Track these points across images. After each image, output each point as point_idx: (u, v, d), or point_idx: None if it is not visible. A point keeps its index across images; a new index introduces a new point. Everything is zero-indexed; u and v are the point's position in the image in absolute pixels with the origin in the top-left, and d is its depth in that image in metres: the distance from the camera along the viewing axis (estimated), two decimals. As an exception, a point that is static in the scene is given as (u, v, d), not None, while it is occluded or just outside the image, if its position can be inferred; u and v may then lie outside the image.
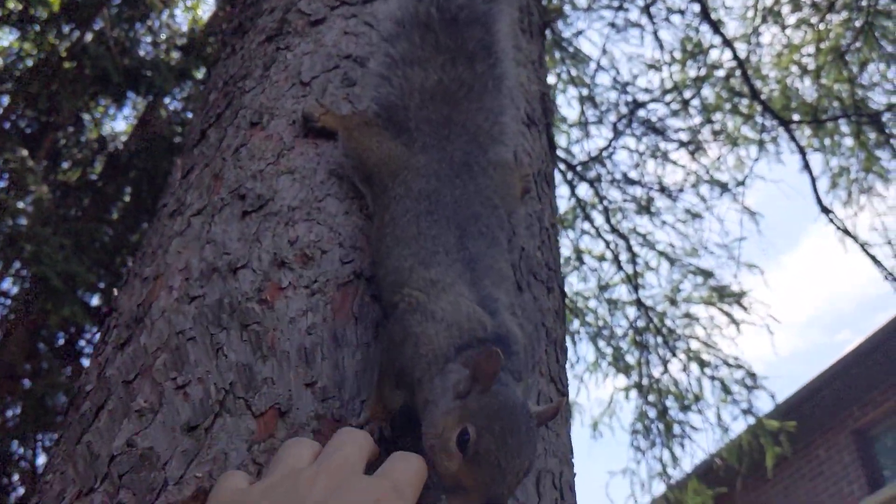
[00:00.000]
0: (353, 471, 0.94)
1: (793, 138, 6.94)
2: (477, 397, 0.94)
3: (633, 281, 8.97)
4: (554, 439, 1.33)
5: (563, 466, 1.33)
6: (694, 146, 9.16)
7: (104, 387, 1.27)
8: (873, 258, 5.99)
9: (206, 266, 1.32)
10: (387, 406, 1.13)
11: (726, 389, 8.80)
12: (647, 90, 9.09)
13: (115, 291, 1.60)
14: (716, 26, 7.58)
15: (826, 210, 6.31)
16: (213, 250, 1.34)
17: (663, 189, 9.29)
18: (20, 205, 9.41)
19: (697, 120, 9.16)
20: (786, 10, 8.06)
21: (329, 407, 1.15)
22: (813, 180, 6.75)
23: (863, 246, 6.26)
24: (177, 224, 1.46)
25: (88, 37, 9.99)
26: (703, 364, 8.99)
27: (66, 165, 10.93)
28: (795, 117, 8.10)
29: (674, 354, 8.45)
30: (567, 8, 8.59)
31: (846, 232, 6.17)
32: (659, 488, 9.14)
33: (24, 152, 9.61)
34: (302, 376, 1.17)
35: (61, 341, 10.12)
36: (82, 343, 9.73)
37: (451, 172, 1.31)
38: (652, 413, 9.02)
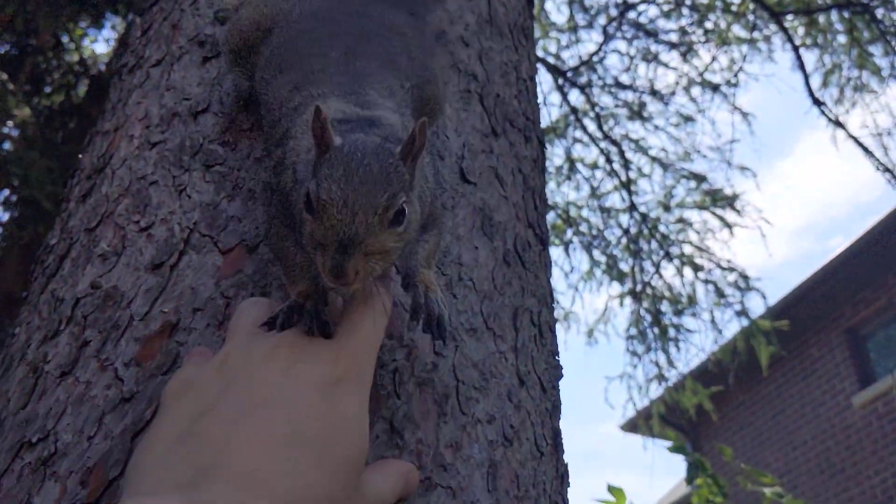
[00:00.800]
0: (312, 342, 0.91)
1: (785, 32, 6.79)
2: (321, 159, 0.88)
3: (627, 187, 8.93)
4: (532, 280, 1.31)
5: (542, 307, 1.31)
6: (685, 48, 9.01)
7: (67, 237, 1.24)
8: (865, 148, 5.94)
9: (166, 112, 1.28)
10: None
11: (720, 292, 8.86)
12: (637, -10, 8.90)
13: (80, 156, 1.55)
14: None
15: (818, 102, 6.22)
16: (173, 97, 1.29)
17: (655, 93, 9.18)
18: (4, 129, 9.27)
19: (689, 20, 8.98)
20: None
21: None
22: (805, 75, 6.65)
23: (855, 139, 6.19)
24: (136, 77, 1.40)
25: (62, -46, 9.67)
26: (696, 268, 9.03)
27: (48, 90, 10.73)
28: (788, 16, 7.94)
29: (667, 256, 8.46)
30: None
31: (838, 124, 6.09)
32: (656, 391, 9.30)
33: (4, 76, 9.42)
34: (268, 214, 1.14)
35: (55, 266, 10.05)
36: (76, 266, 9.70)
37: None
38: (647, 318, 9.10)
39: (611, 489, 3.84)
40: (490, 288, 1.20)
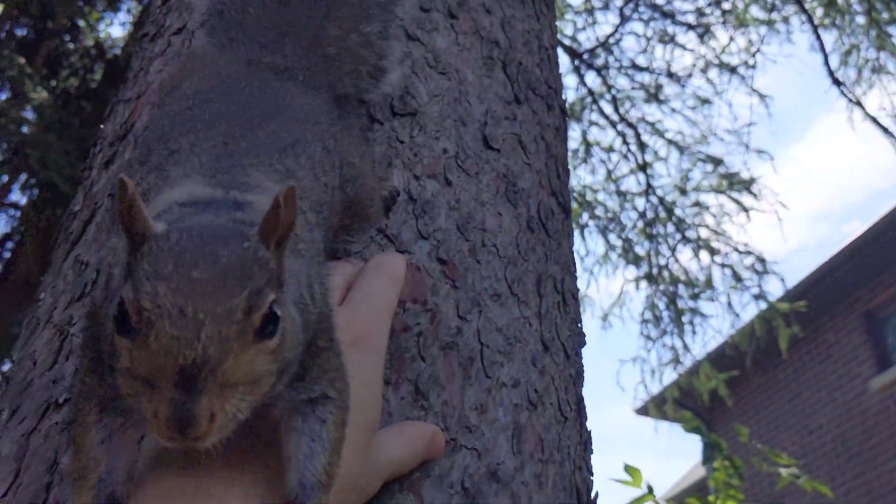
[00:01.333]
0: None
1: (805, 12, 6.72)
2: (137, 257, 0.62)
3: (643, 170, 8.89)
4: (555, 248, 1.30)
5: (565, 274, 1.30)
6: (702, 29, 8.94)
7: (90, 204, 1.24)
8: (884, 129, 5.89)
9: (188, 78, 1.27)
10: None
11: (737, 276, 8.82)
12: (654, -29, 8.83)
13: (102, 126, 1.56)
14: None
15: (837, 82, 6.16)
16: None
17: (671, 75, 9.12)
18: (22, 113, 9.31)
19: (706, 1, 8.91)
20: None
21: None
22: (825, 55, 6.58)
23: (874, 119, 6.13)
24: (157, 46, 1.40)
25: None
26: (712, 252, 8.99)
27: (65, 73, 10.77)
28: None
29: (684, 240, 8.42)
30: None
31: (858, 104, 6.03)
32: (670, 375, 9.28)
33: (22, 60, 9.46)
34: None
35: (73, 250, 10.10)
36: (93, 249, 9.79)
37: (247, 71, 1.04)
38: (662, 303, 9.07)
39: (627, 469, 3.83)
40: (514, 254, 1.20)
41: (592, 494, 1.17)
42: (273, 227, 0.63)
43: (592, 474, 1.19)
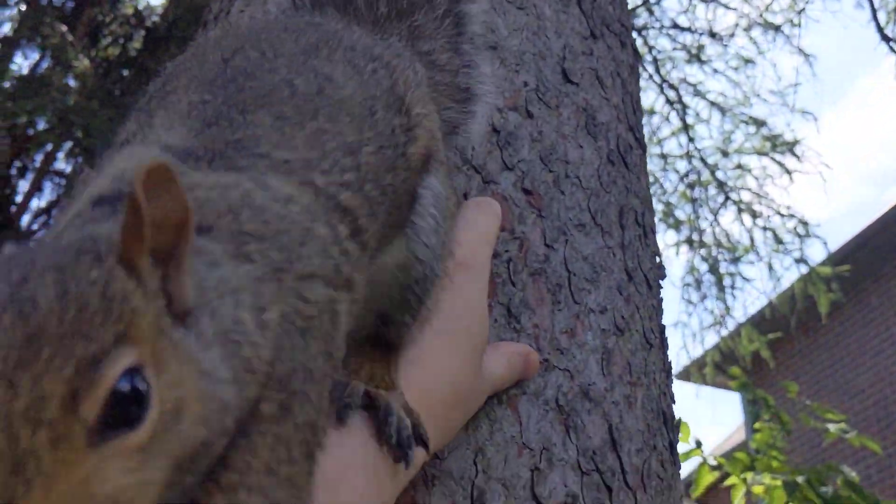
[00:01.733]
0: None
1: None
2: None
3: (686, 131, 8.79)
4: (635, 182, 1.31)
5: (645, 208, 1.31)
6: (746, -13, 8.77)
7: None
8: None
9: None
10: None
11: (778, 239, 8.73)
12: (696, -72, 8.66)
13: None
14: None
15: (886, 38, 6.03)
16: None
17: (714, 35, 8.97)
18: (65, 81, 9.41)
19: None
20: None
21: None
22: (873, 10, 6.43)
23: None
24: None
25: None
26: (754, 215, 8.89)
27: (105, 42, 10.86)
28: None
29: (726, 202, 8.31)
30: None
31: (910, 59, 5.89)
32: (711, 340, 9.22)
33: (63, 28, 9.55)
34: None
35: (117, 217, 10.25)
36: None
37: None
38: (703, 267, 9.01)
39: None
40: (596, 186, 1.21)
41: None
42: (135, 236, 0.44)
43: (675, 401, 1.20)
